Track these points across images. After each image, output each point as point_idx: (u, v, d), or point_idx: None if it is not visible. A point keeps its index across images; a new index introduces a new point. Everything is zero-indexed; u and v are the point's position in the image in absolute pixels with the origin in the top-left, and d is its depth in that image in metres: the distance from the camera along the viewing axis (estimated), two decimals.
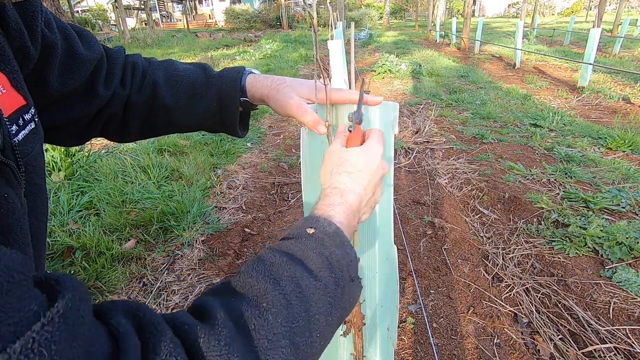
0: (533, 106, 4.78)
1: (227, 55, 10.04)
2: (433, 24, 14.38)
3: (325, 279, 0.34)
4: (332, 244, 0.37)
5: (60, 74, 0.46)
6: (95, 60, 0.51)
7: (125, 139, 0.61)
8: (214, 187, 2.74)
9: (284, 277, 0.31)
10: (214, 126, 0.62)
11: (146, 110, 0.57)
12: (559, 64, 7.84)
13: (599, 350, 1.39)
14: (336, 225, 0.39)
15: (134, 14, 26.15)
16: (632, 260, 1.79)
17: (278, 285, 0.30)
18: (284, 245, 0.36)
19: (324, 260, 0.35)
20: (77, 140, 0.56)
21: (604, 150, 3.30)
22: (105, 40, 12.42)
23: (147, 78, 0.58)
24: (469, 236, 2.15)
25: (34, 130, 0.37)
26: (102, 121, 0.55)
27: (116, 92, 0.54)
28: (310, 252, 0.35)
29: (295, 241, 0.36)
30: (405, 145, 3.50)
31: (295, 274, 0.32)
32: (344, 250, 0.38)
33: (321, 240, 0.36)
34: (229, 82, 0.58)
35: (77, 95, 0.49)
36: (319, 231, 0.37)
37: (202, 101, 0.58)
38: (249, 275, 0.31)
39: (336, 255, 0.36)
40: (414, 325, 1.57)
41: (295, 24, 22.24)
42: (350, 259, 0.39)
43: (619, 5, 11.63)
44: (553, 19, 33.41)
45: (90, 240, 2.01)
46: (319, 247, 0.36)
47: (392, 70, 6.91)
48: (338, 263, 0.36)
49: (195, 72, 0.60)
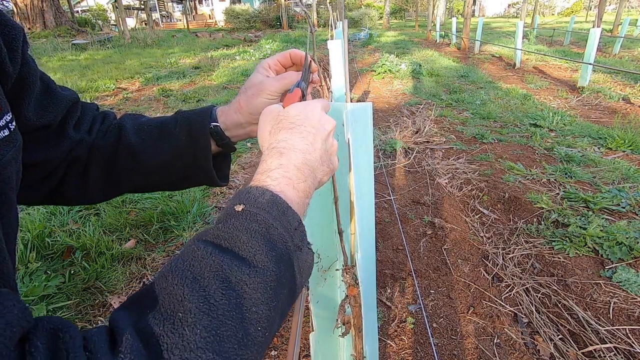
0: (533, 106, 4.78)
1: (227, 55, 10.04)
2: (433, 24, 14.38)
3: (262, 262, 0.30)
4: (267, 217, 0.33)
5: (36, 106, 0.45)
6: (70, 101, 0.50)
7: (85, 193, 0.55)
8: (214, 187, 2.73)
9: (206, 274, 0.28)
10: (186, 170, 0.56)
11: (110, 153, 0.54)
12: (559, 64, 7.84)
13: (599, 350, 1.39)
14: (271, 192, 0.35)
15: (134, 14, 26.14)
16: (632, 260, 1.79)
17: (198, 286, 0.27)
18: (210, 232, 0.32)
19: (257, 240, 0.31)
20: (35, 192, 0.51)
21: (604, 150, 3.30)
22: (106, 40, 12.42)
23: (114, 123, 0.56)
24: (469, 236, 2.15)
25: (7, 137, 0.36)
26: (64, 166, 0.52)
27: (83, 137, 0.53)
28: (240, 233, 0.31)
29: (223, 224, 0.32)
30: (405, 145, 3.50)
31: (222, 267, 0.28)
32: (284, 219, 0.34)
33: (253, 215, 0.32)
34: (198, 112, 0.56)
35: (49, 133, 0.48)
36: (250, 205, 0.33)
37: (170, 138, 0.54)
38: (165, 278, 0.27)
39: (274, 228, 0.32)
40: (414, 325, 1.57)
41: (295, 24, 22.23)
42: (294, 227, 0.35)
43: (619, 5, 11.63)
44: (553, 19, 33.41)
45: (90, 240, 2.01)
46: (251, 224, 0.32)
47: (392, 70, 6.91)
48: (279, 237, 0.32)
49: (166, 116, 0.57)
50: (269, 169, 0.38)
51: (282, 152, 0.39)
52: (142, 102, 5.52)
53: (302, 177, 0.38)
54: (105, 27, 20.66)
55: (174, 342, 0.24)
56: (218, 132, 0.55)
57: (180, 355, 0.24)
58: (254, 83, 0.55)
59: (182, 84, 6.71)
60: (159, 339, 0.24)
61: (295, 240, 0.34)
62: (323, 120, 0.43)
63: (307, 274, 0.36)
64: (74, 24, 16.81)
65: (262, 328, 0.29)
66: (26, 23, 14.87)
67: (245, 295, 0.28)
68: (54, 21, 15.67)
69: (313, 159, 0.40)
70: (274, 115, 0.43)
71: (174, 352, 0.24)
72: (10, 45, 0.39)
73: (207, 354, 0.24)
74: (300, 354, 1.43)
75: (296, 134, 0.41)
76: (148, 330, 0.24)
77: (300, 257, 0.34)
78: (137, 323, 0.25)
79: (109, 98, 5.81)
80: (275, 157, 0.39)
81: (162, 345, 0.24)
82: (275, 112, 0.44)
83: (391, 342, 1.51)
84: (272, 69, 0.57)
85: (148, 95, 5.94)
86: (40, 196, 0.52)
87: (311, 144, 0.41)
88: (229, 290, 0.27)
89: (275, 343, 1.51)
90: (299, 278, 0.34)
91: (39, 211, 2.30)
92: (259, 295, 0.29)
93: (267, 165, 0.38)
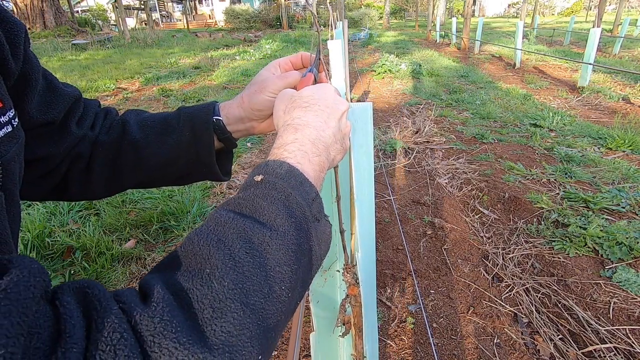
0: (533, 106, 4.78)
1: (227, 55, 10.04)
2: (433, 24, 14.38)
3: (282, 226, 0.31)
4: (286, 185, 0.33)
5: (39, 103, 0.45)
6: (73, 98, 0.50)
7: (88, 189, 0.55)
8: (214, 187, 2.73)
9: (230, 236, 0.29)
10: (189, 165, 0.57)
11: (114, 149, 0.54)
12: (559, 64, 7.84)
13: (599, 350, 1.39)
14: (288, 164, 0.36)
15: (134, 14, 26.14)
16: (632, 260, 1.79)
17: (223, 246, 0.28)
18: (232, 201, 0.33)
19: (277, 206, 0.32)
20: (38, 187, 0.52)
21: (604, 150, 3.30)
22: (105, 40, 12.42)
23: (117, 119, 0.57)
24: (469, 236, 2.15)
25: (10, 134, 0.36)
26: (67, 162, 0.52)
27: (86, 133, 0.53)
28: (260, 200, 0.32)
29: (243, 193, 0.33)
30: (405, 145, 3.50)
31: (244, 229, 0.29)
32: (302, 189, 0.35)
33: (272, 184, 0.33)
34: (201, 108, 0.56)
35: (52, 129, 0.49)
36: (269, 175, 0.34)
37: (174, 133, 0.55)
38: (192, 242, 0.29)
39: (293, 197, 0.33)
40: (414, 325, 1.57)
41: (295, 24, 22.24)
42: (312, 197, 0.35)
43: (619, 5, 11.63)
44: (553, 19, 33.41)
45: (90, 240, 2.01)
46: (271, 192, 0.33)
47: (392, 70, 6.91)
48: (297, 205, 0.33)
49: (169, 112, 0.58)
50: (285, 143, 0.38)
51: (297, 128, 0.40)
52: (142, 102, 5.52)
53: (317, 152, 0.39)
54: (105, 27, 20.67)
55: (204, 293, 0.25)
56: (220, 126, 0.56)
57: (210, 304, 0.25)
58: (259, 80, 0.56)
59: (182, 84, 6.71)
60: (188, 292, 0.25)
61: (313, 210, 0.35)
62: (337, 101, 0.44)
63: (326, 247, 0.37)
64: (74, 24, 16.82)
65: (286, 288, 0.29)
66: (26, 23, 14.88)
67: (268, 255, 0.29)
68: (54, 21, 15.67)
69: (327, 135, 0.41)
70: (288, 97, 0.45)
71: (203, 302, 0.25)
72: (12, 42, 0.39)
73: (235, 304, 0.26)
74: (300, 354, 1.43)
75: (310, 112, 0.41)
76: (178, 285, 0.25)
77: (318, 228, 0.35)
78: (166, 279, 0.26)
79: (109, 98, 5.81)
80: (291, 133, 0.39)
81: (192, 297, 0.25)
82: (289, 94, 0.45)
83: (391, 342, 1.51)
84: (281, 67, 0.58)
85: (148, 95, 5.94)
86: (43, 192, 0.53)
87: (325, 122, 0.41)
88: (252, 250, 0.28)
89: None
90: (318, 249, 0.34)
91: (39, 211, 2.30)
92: (281, 255, 0.30)
93: (283, 140, 0.39)
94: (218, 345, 0.24)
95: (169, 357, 0.21)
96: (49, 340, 0.19)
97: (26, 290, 0.19)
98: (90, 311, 0.22)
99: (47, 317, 0.20)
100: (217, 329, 0.24)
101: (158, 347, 0.22)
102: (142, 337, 0.22)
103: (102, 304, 0.22)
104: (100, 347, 0.20)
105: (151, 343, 0.22)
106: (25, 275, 0.20)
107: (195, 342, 0.23)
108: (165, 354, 0.22)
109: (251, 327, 0.26)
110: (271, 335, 0.28)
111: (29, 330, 0.19)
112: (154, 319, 0.22)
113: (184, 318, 0.24)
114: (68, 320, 0.20)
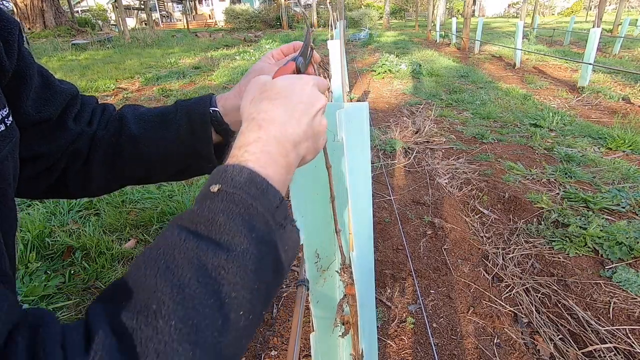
0: (533, 106, 4.78)
1: (227, 55, 10.04)
2: (433, 24, 14.38)
3: (241, 245, 0.29)
4: (246, 196, 0.31)
5: (35, 100, 0.45)
6: (70, 95, 0.50)
7: (87, 186, 0.55)
8: None
9: (179, 262, 0.26)
10: (188, 158, 0.56)
11: (112, 144, 0.54)
12: (559, 64, 7.84)
13: (599, 350, 1.39)
14: (249, 170, 0.32)
15: (134, 14, 26.15)
16: (632, 260, 1.79)
17: (172, 275, 0.26)
18: (186, 216, 0.30)
19: (236, 222, 0.29)
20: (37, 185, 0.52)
21: (604, 150, 3.30)
22: (105, 40, 12.42)
23: (114, 115, 0.56)
24: (469, 236, 2.15)
25: (3, 133, 0.36)
26: (65, 159, 0.52)
27: (84, 129, 0.53)
28: (217, 216, 0.29)
29: (199, 207, 0.30)
30: (405, 145, 3.50)
31: (197, 253, 0.27)
32: (265, 198, 0.32)
33: (230, 196, 0.31)
34: (198, 100, 0.56)
35: (49, 127, 0.48)
36: (226, 185, 0.31)
37: (171, 126, 0.55)
38: (139, 268, 0.27)
39: (254, 208, 0.31)
40: (414, 325, 1.57)
41: (295, 24, 22.23)
42: (275, 205, 0.33)
43: (619, 5, 11.63)
44: (553, 19, 33.41)
45: (90, 240, 2.01)
46: (228, 206, 0.30)
47: (392, 70, 6.91)
48: (259, 217, 0.31)
49: (166, 106, 0.58)
50: (247, 143, 0.35)
51: (261, 124, 0.36)
52: (142, 102, 5.52)
53: (284, 152, 0.36)
54: (105, 27, 20.66)
55: (148, 335, 0.23)
56: (217, 118, 0.55)
57: (155, 348, 0.23)
58: (254, 69, 0.56)
59: (182, 84, 6.71)
60: (132, 334, 0.23)
61: (277, 218, 0.33)
62: (312, 96, 0.40)
63: (294, 252, 0.34)
64: (74, 24, 16.82)
65: (244, 312, 0.28)
66: (26, 23, 14.88)
67: (223, 282, 0.27)
68: (54, 21, 15.68)
69: (295, 133, 0.37)
70: (260, 84, 0.40)
71: (147, 345, 0.23)
72: (5, 39, 0.39)
73: (183, 345, 0.24)
74: (300, 354, 1.43)
75: (279, 106, 0.37)
76: (122, 325, 0.24)
77: (284, 235, 0.33)
78: (111, 318, 0.24)
79: (109, 98, 5.81)
80: (254, 130, 0.36)
81: (135, 340, 0.23)
82: (262, 82, 0.41)
83: (391, 342, 1.51)
84: (275, 58, 0.58)
85: (148, 95, 5.94)
86: (42, 190, 0.52)
87: (295, 118, 0.37)
88: (205, 278, 0.26)
89: (275, 343, 1.51)
90: (284, 257, 0.32)
91: (39, 211, 2.30)
92: (239, 279, 0.28)
93: (244, 138, 0.36)
94: None
95: None
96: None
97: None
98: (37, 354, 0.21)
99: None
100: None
101: None
102: None
103: (46, 351, 0.21)
104: None
105: None
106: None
107: None
108: None
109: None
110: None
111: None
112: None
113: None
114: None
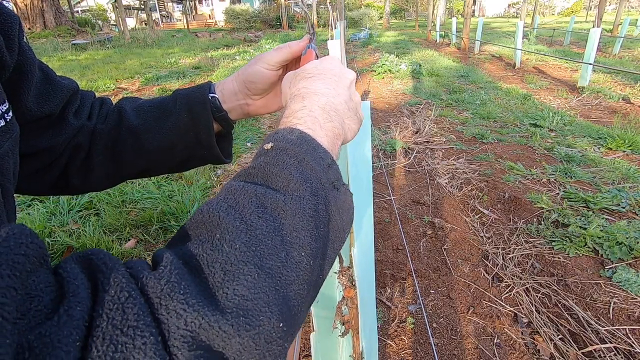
0: (533, 106, 4.78)
1: (227, 55, 10.04)
2: (433, 24, 14.38)
3: (297, 191, 0.29)
4: (298, 151, 0.31)
5: (36, 95, 0.45)
6: (71, 90, 0.50)
7: (88, 180, 0.55)
8: (214, 187, 2.74)
9: (241, 201, 0.27)
10: (189, 147, 0.56)
11: (112, 136, 0.54)
12: (559, 64, 7.84)
13: (599, 350, 1.39)
14: (299, 130, 0.33)
15: (134, 14, 26.15)
16: (632, 260, 1.79)
17: (233, 211, 0.26)
18: (242, 173, 0.31)
19: (290, 170, 0.30)
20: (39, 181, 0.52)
21: (604, 150, 3.30)
22: (105, 40, 12.42)
23: (113, 108, 0.57)
24: (469, 236, 2.15)
25: (3, 128, 0.36)
26: (67, 154, 0.52)
27: (84, 124, 0.53)
28: (271, 167, 0.30)
29: (253, 163, 0.31)
30: (405, 145, 3.50)
31: (256, 195, 0.27)
32: (316, 154, 0.32)
33: (283, 150, 0.31)
34: (196, 88, 0.56)
35: (50, 122, 0.49)
36: (279, 142, 0.32)
37: (171, 116, 0.55)
38: (201, 212, 0.27)
39: (306, 162, 0.31)
40: (414, 325, 1.57)
41: (295, 24, 22.23)
42: (327, 164, 0.33)
43: (619, 5, 11.62)
44: (553, 19, 33.41)
45: (90, 240, 2.01)
46: (282, 158, 0.31)
47: (392, 70, 6.91)
48: (312, 171, 0.31)
49: (164, 96, 0.58)
50: (294, 111, 0.36)
51: (304, 96, 0.38)
52: None
53: (328, 118, 0.37)
54: (105, 27, 20.66)
55: (214, 257, 0.24)
56: (216, 104, 0.55)
57: (222, 267, 0.23)
58: (255, 58, 0.57)
59: (182, 84, 6.71)
60: (198, 258, 0.24)
61: (329, 177, 0.32)
62: (343, 71, 0.42)
63: (348, 217, 0.34)
64: (74, 24, 16.82)
65: (307, 255, 0.27)
66: (26, 23, 14.87)
67: (283, 220, 0.27)
68: (54, 21, 15.67)
69: (337, 102, 0.39)
70: (292, 75, 0.43)
71: (214, 265, 0.23)
72: (6, 34, 0.39)
73: (249, 266, 0.24)
74: (300, 354, 1.43)
75: (317, 81, 0.40)
76: (187, 253, 0.24)
77: (337, 196, 0.32)
78: (176, 250, 0.24)
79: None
80: (299, 101, 0.37)
81: (201, 262, 0.24)
82: (293, 73, 0.44)
83: (391, 342, 1.51)
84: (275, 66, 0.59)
85: (148, 95, 5.94)
86: (44, 185, 0.53)
87: (333, 89, 0.39)
88: (265, 215, 0.27)
89: None
90: (339, 219, 0.32)
91: (39, 211, 2.30)
92: (298, 220, 0.28)
93: (291, 109, 0.37)
94: (231, 308, 0.22)
95: (177, 319, 0.21)
96: (51, 303, 0.19)
97: (17, 247, 0.18)
98: (95, 274, 0.21)
99: (49, 282, 0.19)
100: (229, 292, 0.23)
101: (165, 309, 0.21)
102: (149, 299, 0.21)
103: (108, 265, 0.21)
104: (107, 305, 0.20)
105: (158, 305, 0.21)
106: (16, 234, 0.19)
107: (205, 304, 0.22)
108: (173, 316, 0.21)
109: (268, 292, 0.24)
110: (293, 304, 0.26)
111: (28, 292, 0.18)
112: (160, 281, 0.21)
113: (193, 282, 0.23)
114: (71, 281, 0.20)
